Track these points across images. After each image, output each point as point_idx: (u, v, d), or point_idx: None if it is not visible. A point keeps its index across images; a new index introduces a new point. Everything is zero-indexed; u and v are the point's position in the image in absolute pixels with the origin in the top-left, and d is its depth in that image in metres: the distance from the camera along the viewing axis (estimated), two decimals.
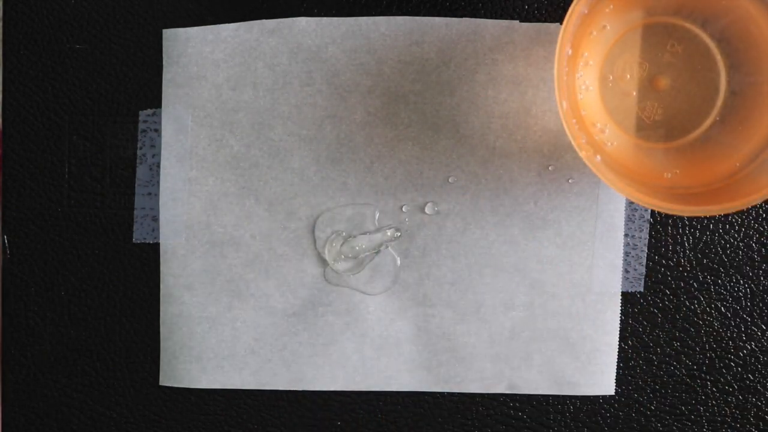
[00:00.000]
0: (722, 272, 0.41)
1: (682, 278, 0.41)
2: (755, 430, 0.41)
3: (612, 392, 0.41)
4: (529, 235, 0.40)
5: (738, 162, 0.37)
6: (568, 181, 0.40)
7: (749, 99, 0.37)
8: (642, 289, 0.40)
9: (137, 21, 0.41)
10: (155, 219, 0.41)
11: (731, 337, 0.41)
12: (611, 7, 0.37)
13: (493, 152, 0.40)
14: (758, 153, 0.37)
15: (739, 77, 0.38)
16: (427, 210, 0.40)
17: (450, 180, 0.40)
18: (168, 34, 0.40)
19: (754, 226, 0.40)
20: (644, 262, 0.40)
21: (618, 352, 0.41)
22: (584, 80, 0.38)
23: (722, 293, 0.41)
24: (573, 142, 0.34)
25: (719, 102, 0.38)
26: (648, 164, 0.38)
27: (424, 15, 0.40)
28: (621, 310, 0.40)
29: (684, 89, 0.38)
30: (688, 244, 0.40)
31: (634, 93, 0.38)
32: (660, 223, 0.40)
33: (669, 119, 0.39)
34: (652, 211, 0.40)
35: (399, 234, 0.40)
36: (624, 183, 0.35)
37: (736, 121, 0.38)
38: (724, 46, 0.38)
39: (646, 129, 0.39)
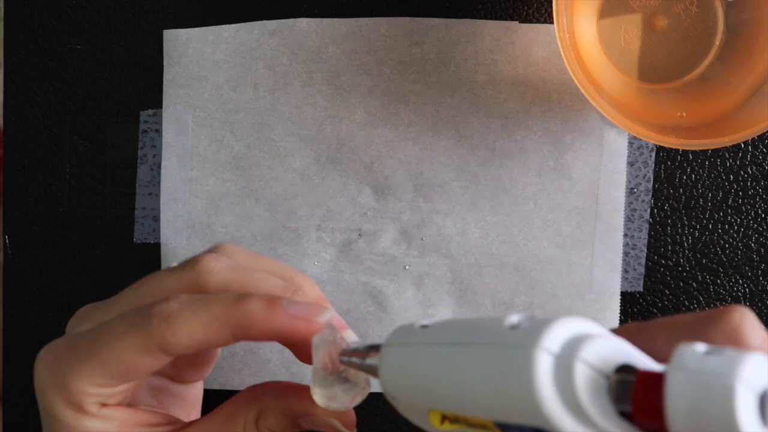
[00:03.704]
0: (721, 272, 0.41)
1: (682, 278, 0.41)
2: None
3: None
4: (528, 235, 0.40)
5: (738, 98, 0.37)
6: (568, 181, 0.40)
7: (747, 36, 0.37)
8: (641, 289, 0.41)
9: (138, 22, 0.41)
10: (156, 219, 0.41)
11: None
12: None
13: (493, 152, 0.40)
14: (757, 88, 0.36)
15: (735, 13, 0.38)
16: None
17: (450, 180, 0.40)
18: (169, 34, 0.41)
19: (754, 226, 0.40)
20: (644, 262, 0.40)
21: None
22: (583, 22, 0.38)
23: (721, 293, 0.41)
24: (574, 78, 0.34)
25: (717, 41, 0.38)
26: (649, 105, 0.38)
27: (424, 16, 0.40)
28: (620, 310, 0.40)
29: (682, 29, 0.38)
30: (688, 244, 0.41)
31: (633, 34, 0.38)
32: (660, 223, 0.40)
33: (668, 59, 0.38)
34: (652, 210, 0.40)
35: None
36: (627, 119, 0.35)
37: (734, 59, 0.38)
38: None
39: (645, 70, 0.38)
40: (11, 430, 0.42)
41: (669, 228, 0.41)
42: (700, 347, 0.18)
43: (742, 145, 0.40)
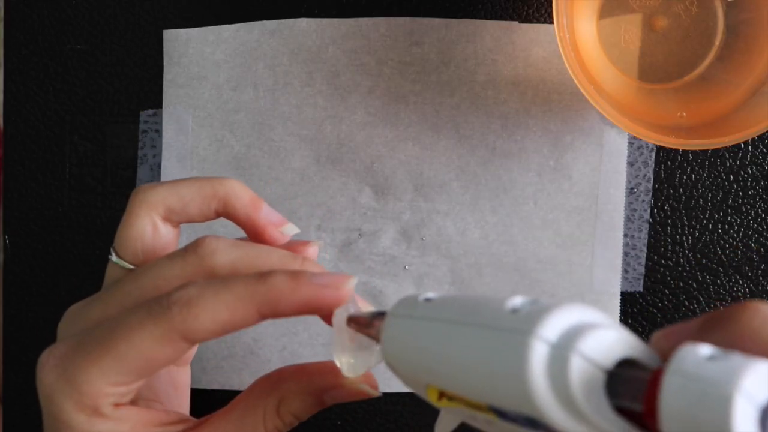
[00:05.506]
0: (721, 272, 0.41)
1: (682, 278, 0.41)
2: None
3: None
4: (528, 235, 0.40)
5: (738, 98, 0.37)
6: (568, 181, 0.40)
7: (747, 36, 0.37)
8: (641, 289, 0.41)
9: (138, 22, 0.41)
10: None
11: None
12: None
13: (493, 152, 0.40)
14: (757, 88, 0.36)
15: (735, 13, 0.38)
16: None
17: (450, 180, 0.40)
18: (169, 34, 0.41)
19: (754, 226, 0.40)
20: (643, 262, 0.40)
21: None
22: (583, 22, 0.38)
23: (721, 293, 0.41)
24: (574, 78, 0.34)
25: (717, 41, 0.38)
26: (649, 105, 0.38)
27: (424, 16, 0.40)
28: (620, 310, 0.40)
29: (682, 29, 0.38)
30: (687, 244, 0.41)
31: (633, 34, 0.38)
32: (660, 223, 0.40)
33: (668, 59, 0.38)
34: (652, 210, 0.40)
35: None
36: (627, 119, 0.34)
37: (734, 59, 0.38)
38: None
39: (645, 70, 0.38)
40: (11, 430, 0.42)
41: (669, 228, 0.41)
42: (704, 350, 0.17)
43: (742, 145, 0.40)
